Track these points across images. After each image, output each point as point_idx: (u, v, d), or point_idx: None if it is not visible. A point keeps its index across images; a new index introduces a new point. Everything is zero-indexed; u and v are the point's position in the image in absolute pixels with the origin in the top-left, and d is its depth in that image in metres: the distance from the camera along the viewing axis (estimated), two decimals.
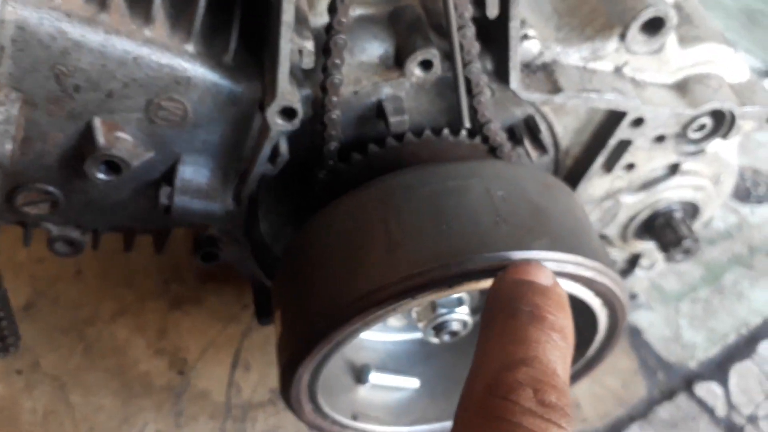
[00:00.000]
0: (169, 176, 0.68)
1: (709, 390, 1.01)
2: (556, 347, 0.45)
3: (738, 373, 1.04)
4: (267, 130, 0.63)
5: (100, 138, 0.62)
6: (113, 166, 0.64)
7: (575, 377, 0.71)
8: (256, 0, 0.63)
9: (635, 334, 1.08)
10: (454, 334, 0.67)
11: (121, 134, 0.64)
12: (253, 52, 0.64)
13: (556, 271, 0.53)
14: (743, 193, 1.38)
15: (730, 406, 0.99)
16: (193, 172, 0.69)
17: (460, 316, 0.66)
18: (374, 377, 0.73)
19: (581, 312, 0.63)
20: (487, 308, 0.48)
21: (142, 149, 0.65)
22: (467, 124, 0.65)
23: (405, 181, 0.58)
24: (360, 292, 0.53)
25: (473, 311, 0.69)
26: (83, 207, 0.70)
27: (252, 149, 0.67)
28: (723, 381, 1.02)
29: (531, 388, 0.41)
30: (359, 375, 0.74)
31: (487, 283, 0.52)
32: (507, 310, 0.46)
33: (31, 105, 0.60)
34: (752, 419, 0.97)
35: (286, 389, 0.60)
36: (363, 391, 0.73)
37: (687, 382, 1.02)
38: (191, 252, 0.81)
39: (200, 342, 0.97)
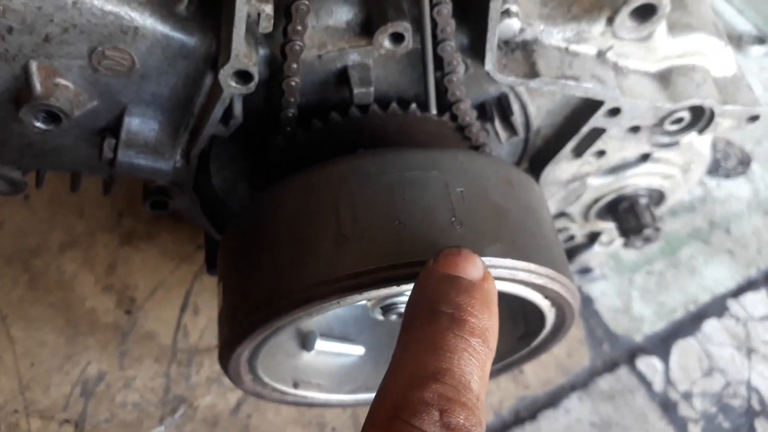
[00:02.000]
0: (114, 127, 0.64)
1: (649, 364, 1.04)
2: (474, 355, 0.44)
3: (680, 349, 1.07)
4: (219, 90, 0.59)
5: (37, 85, 0.57)
6: (52, 115, 0.59)
7: (519, 362, 0.72)
8: None
9: (586, 302, 1.09)
10: (402, 315, 0.66)
11: (62, 81, 0.59)
12: (212, 6, 0.59)
13: (507, 278, 0.52)
14: (712, 165, 1.37)
15: (668, 381, 1.02)
16: (141, 124, 0.64)
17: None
18: (320, 344, 0.73)
19: (530, 307, 0.63)
20: (408, 309, 0.47)
21: (84, 98, 0.60)
22: (434, 110, 0.61)
23: (362, 167, 0.55)
24: (304, 284, 0.51)
25: None
26: (22, 150, 0.66)
27: (203, 107, 0.63)
28: (664, 356, 1.05)
29: (438, 408, 0.41)
30: (304, 341, 0.73)
31: None
32: (426, 313, 0.45)
33: None
34: (686, 396, 1.01)
35: (225, 364, 0.59)
36: (306, 358, 0.73)
37: (630, 355, 1.05)
38: (142, 196, 0.78)
39: (150, 281, 0.95)
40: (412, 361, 0.43)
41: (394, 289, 0.51)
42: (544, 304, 0.59)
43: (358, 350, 0.76)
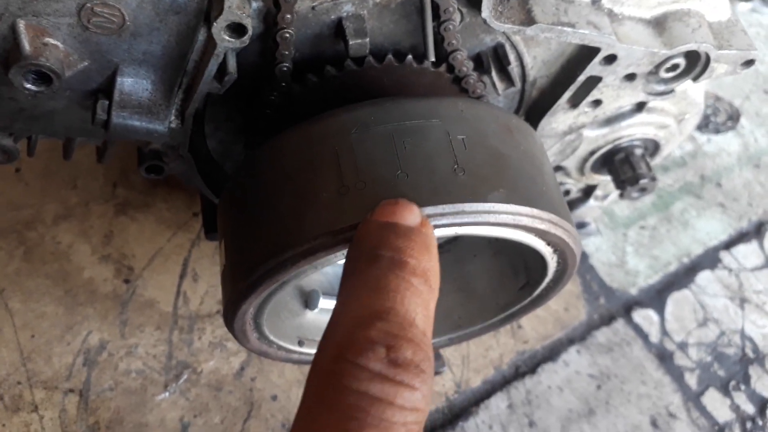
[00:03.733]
0: (107, 88, 0.63)
1: (645, 316, 1.05)
2: (417, 294, 0.44)
3: (675, 301, 1.08)
4: (213, 46, 0.58)
5: (26, 45, 0.56)
6: (43, 75, 0.58)
7: (520, 313, 0.73)
8: None
9: (582, 258, 1.10)
10: None
11: (51, 40, 0.57)
12: None
13: (510, 224, 0.52)
14: (702, 121, 1.37)
15: (664, 332, 1.04)
16: (134, 84, 0.63)
17: None
18: (322, 303, 0.73)
19: (532, 255, 0.63)
20: (349, 256, 0.47)
21: (75, 58, 0.59)
22: (432, 57, 0.61)
23: (360, 117, 0.54)
24: (308, 235, 0.51)
25: None
26: (13, 115, 0.65)
27: (196, 64, 0.62)
28: (660, 308, 1.07)
29: (384, 345, 0.40)
30: (307, 300, 0.74)
31: (441, 232, 0.51)
32: (367, 257, 0.45)
33: None
34: (682, 346, 1.03)
35: (230, 322, 0.59)
36: (310, 316, 0.73)
37: (626, 308, 1.06)
38: (137, 162, 0.77)
39: (147, 249, 0.95)
40: (356, 303, 0.43)
41: None
42: (546, 251, 0.60)
43: None
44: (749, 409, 0.97)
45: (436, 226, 0.50)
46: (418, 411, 0.40)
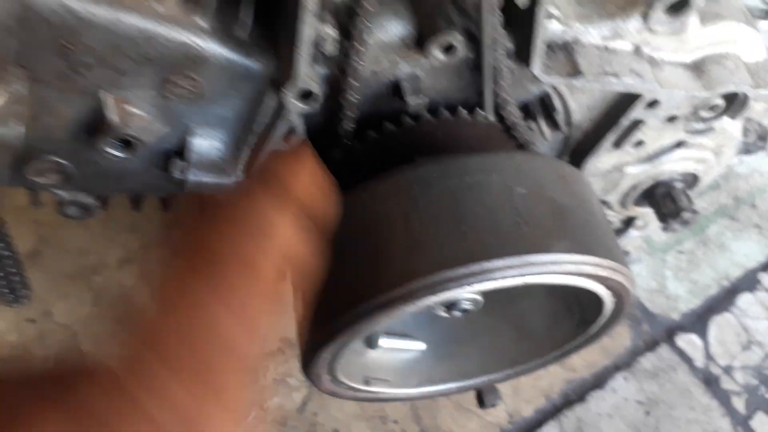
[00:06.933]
0: (181, 149, 0.68)
1: (689, 341, 1.07)
2: None
3: (717, 325, 1.10)
4: (282, 110, 0.62)
5: (113, 116, 0.61)
6: (127, 143, 0.63)
7: (576, 349, 0.75)
8: None
9: None
10: (465, 311, 0.69)
11: (135, 110, 0.62)
12: (267, 25, 0.62)
13: (575, 272, 0.55)
14: None
15: (708, 357, 1.06)
16: (207, 145, 0.68)
17: (473, 296, 0.68)
18: (384, 342, 0.76)
19: (586, 295, 0.66)
20: None
21: (155, 125, 0.64)
22: (491, 116, 0.65)
23: (423, 175, 0.58)
24: (383, 288, 0.54)
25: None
26: (94, 176, 0.70)
27: (266, 126, 0.66)
28: (702, 333, 1.08)
29: None
30: (369, 340, 0.77)
31: (506, 282, 0.54)
32: None
33: (39, 82, 0.58)
34: (728, 370, 1.04)
35: (308, 368, 0.63)
36: (373, 355, 0.77)
37: (669, 333, 1.08)
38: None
39: None
40: None
41: (466, 289, 0.55)
42: (604, 293, 0.63)
43: (419, 345, 0.80)
44: None
45: (504, 278, 0.53)
46: None
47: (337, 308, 0.57)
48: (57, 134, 0.63)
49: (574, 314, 0.73)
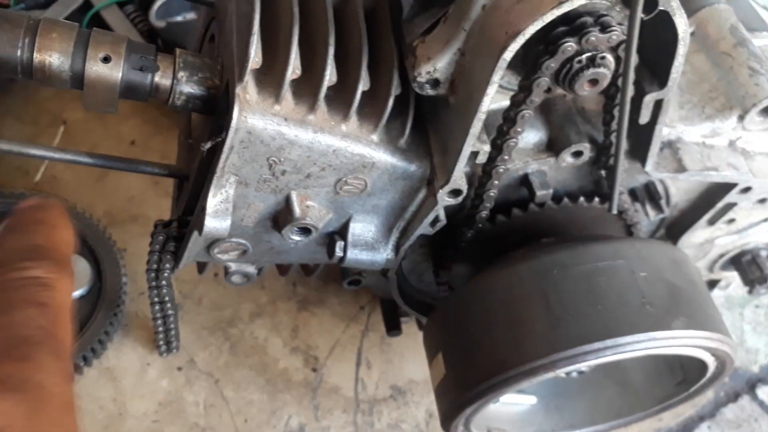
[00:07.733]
0: (341, 230, 0.81)
1: None
2: None
3: None
4: (432, 203, 0.75)
5: (297, 209, 0.74)
6: (304, 230, 0.76)
7: (675, 404, 0.85)
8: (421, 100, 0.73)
9: None
10: (581, 373, 0.80)
11: (311, 203, 0.76)
12: (420, 134, 0.75)
13: (691, 345, 0.66)
14: None
15: None
16: (362, 228, 0.81)
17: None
18: (503, 397, 0.87)
19: (690, 361, 0.76)
20: None
21: (325, 214, 0.77)
22: (615, 210, 0.76)
23: (560, 260, 0.70)
24: (529, 358, 0.66)
25: None
26: (264, 252, 0.83)
27: (415, 214, 0.79)
28: None
29: None
30: None
31: (634, 354, 0.65)
32: None
33: (243, 185, 0.72)
34: None
35: (448, 424, 0.74)
36: (492, 408, 0.88)
37: (750, 385, 1.16)
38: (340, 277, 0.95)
39: (327, 341, 1.12)
40: None
41: (602, 360, 0.66)
42: (710, 360, 0.73)
43: (531, 399, 0.91)
44: None
45: (633, 351, 0.64)
46: None
47: (484, 373, 0.68)
48: (245, 222, 0.77)
49: (676, 373, 0.83)
